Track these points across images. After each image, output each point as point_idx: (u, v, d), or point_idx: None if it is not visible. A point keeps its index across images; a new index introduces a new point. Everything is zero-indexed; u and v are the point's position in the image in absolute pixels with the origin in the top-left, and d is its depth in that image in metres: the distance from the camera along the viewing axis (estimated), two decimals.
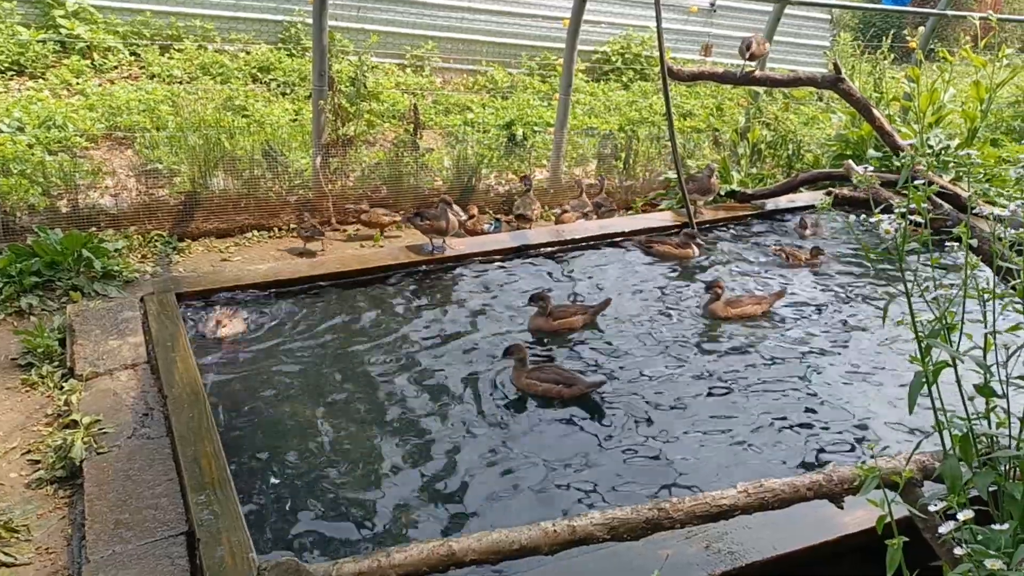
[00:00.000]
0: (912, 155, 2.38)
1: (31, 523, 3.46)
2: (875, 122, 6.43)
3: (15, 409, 4.24)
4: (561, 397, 4.23)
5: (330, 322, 5.06)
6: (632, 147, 8.23)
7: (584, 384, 4.27)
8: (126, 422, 3.93)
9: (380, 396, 4.30)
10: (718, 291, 5.25)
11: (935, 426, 2.23)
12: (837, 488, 2.68)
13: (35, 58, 8.76)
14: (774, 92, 9.15)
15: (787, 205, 7.38)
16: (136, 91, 8.39)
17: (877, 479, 2.00)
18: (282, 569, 2.27)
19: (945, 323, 2.15)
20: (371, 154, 7.62)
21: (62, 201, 6.19)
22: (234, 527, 3.05)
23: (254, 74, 9.60)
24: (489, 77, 10.97)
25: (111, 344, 4.60)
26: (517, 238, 6.34)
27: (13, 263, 5.39)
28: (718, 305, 5.24)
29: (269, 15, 10.45)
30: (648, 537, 2.56)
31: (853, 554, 3.17)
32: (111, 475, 3.56)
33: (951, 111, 8.25)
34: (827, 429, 4.12)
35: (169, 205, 6.51)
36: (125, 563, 3.06)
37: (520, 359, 4.34)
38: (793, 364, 4.76)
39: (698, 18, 12.76)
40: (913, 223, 2.18)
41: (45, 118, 7.32)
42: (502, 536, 2.43)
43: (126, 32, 9.62)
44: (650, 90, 11.09)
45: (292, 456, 3.78)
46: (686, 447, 3.94)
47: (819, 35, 13.86)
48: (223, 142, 6.85)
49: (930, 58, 9.56)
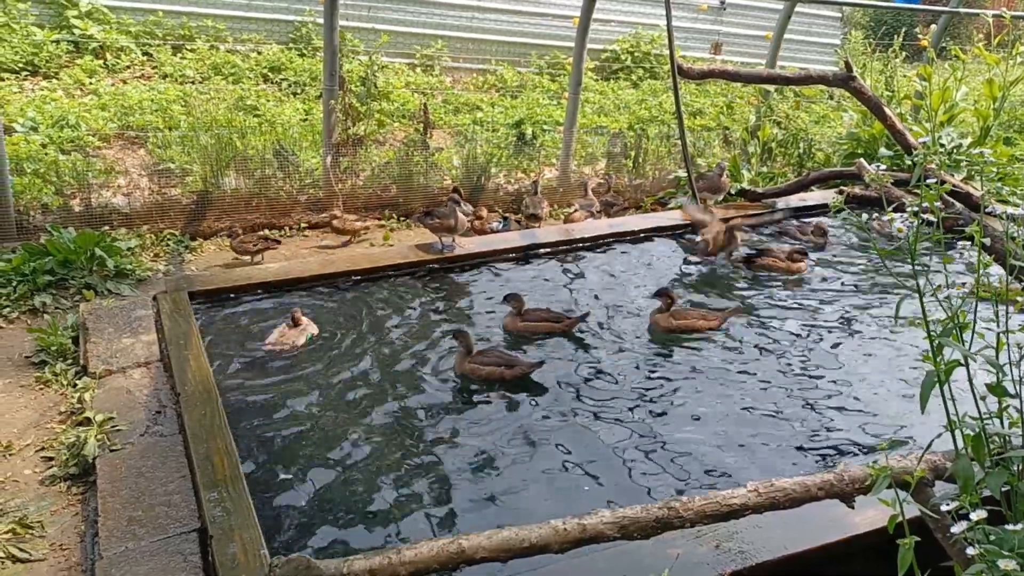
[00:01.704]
0: (925, 153, 2.37)
1: (45, 519, 3.48)
2: (887, 120, 6.42)
3: (29, 407, 4.27)
4: (503, 378, 4.37)
5: (342, 320, 5.08)
6: (642, 146, 8.22)
7: (525, 365, 4.41)
8: (139, 420, 3.95)
9: (393, 394, 4.31)
10: (668, 300, 5.01)
11: (947, 425, 2.22)
12: (848, 488, 2.67)
13: (49, 58, 8.82)
14: (785, 90, 9.12)
15: (798, 204, 7.36)
16: (148, 91, 8.44)
17: (889, 479, 1.99)
18: (293, 566, 2.28)
19: (957, 322, 2.14)
20: (381, 153, 7.64)
21: (75, 200, 6.23)
22: (246, 524, 3.07)
23: (265, 74, 9.65)
24: (499, 76, 10.98)
25: (124, 342, 4.64)
26: (526, 237, 6.35)
27: (27, 262, 5.43)
28: (662, 316, 5.00)
29: (280, 15, 10.49)
30: (658, 536, 2.56)
31: (863, 554, 3.16)
32: (124, 472, 3.58)
33: (963, 109, 8.22)
34: (840, 429, 4.11)
35: (181, 204, 6.54)
36: (138, 559, 3.08)
37: (466, 346, 4.45)
38: (803, 360, 4.76)
39: (708, 16, 12.74)
40: (926, 222, 2.18)
41: (58, 118, 7.38)
42: (512, 534, 2.44)
43: (139, 32, 9.67)
44: (660, 88, 11.08)
45: (304, 454, 3.80)
46: (707, 443, 3.95)
47: (830, 33, 13.81)
48: (235, 142, 6.89)
49: (942, 56, 9.52)
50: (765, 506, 2.61)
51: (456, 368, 4.50)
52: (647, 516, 2.51)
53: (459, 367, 4.48)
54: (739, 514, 2.59)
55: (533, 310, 5.02)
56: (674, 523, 2.53)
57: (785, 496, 2.62)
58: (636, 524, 2.50)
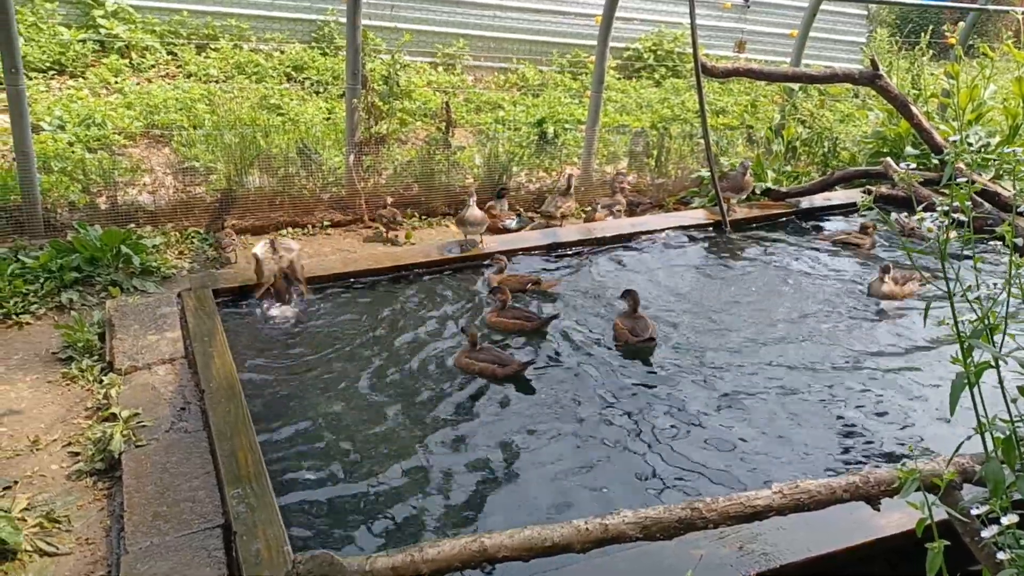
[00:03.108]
0: (955, 152, 2.34)
1: (71, 514, 3.53)
2: (913, 119, 6.35)
3: (56, 402, 4.32)
4: (495, 376, 4.43)
5: (362, 318, 5.10)
6: (664, 144, 8.18)
7: (517, 364, 4.46)
8: (164, 416, 3.99)
9: (419, 392, 4.32)
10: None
11: (976, 428, 2.19)
12: (874, 490, 2.64)
13: (75, 57, 8.92)
14: (809, 89, 9.04)
15: (823, 203, 7.29)
16: (173, 90, 8.52)
17: (918, 481, 1.97)
18: (317, 562, 2.29)
19: (988, 323, 2.11)
20: (403, 152, 7.66)
21: (101, 198, 6.30)
22: (270, 521, 3.08)
23: (288, 73, 9.70)
24: (520, 75, 10.97)
25: (149, 339, 4.68)
26: (548, 236, 6.34)
27: (54, 259, 5.50)
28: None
29: (303, 14, 10.55)
30: (681, 537, 2.55)
31: (886, 556, 3.13)
32: (149, 468, 3.62)
33: (991, 108, 8.10)
34: (866, 430, 4.08)
35: (206, 202, 6.59)
36: (163, 554, 3.11)
37: (471, 341, 4.53)
38: (823, 366, 4.72)
39: (732, 14, 12.65)
40: (956, 222, 2.15)
41: (85, 116, 7.46)
42: (534, 533, 2.44)
43: (163, 31, 9.77)
44: (682, 87, 11.02)
45: (327, 451, 3.82)
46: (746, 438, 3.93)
47: (855, 31, 13.67)
48: (258, 140, 6.94)
49: (970, 54, 9.40)
50: (789, 507, 2.59)
51: (455, 361, 4.58)
52: (670, 517, 2.50)
53: (457, 361, 4.57)
54: (763, 515, 2.58)
55: (512, 307, 5.07)
56: (697, 524, 2.52)
57: (810, 498, 2.60)
58: (659, 525, 2.49)
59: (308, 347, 4.73)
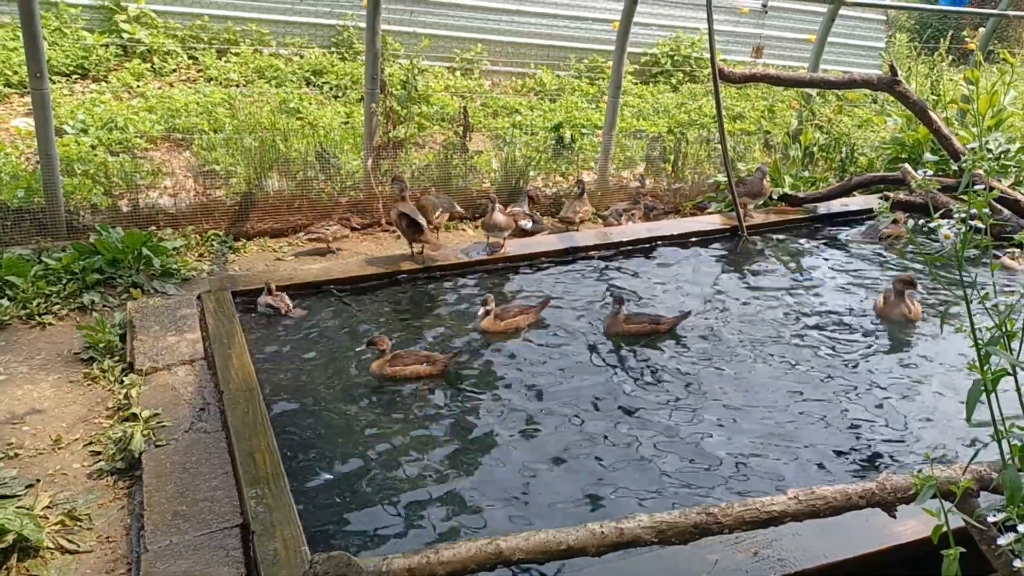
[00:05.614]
0: (973, 159, 2.33)
1: (92, 512, 3.58)
2: (932, 125, 6.31)
3: (77, 402, 4.38)
4: (419, 376, 4.42)
5: (383, 320, 5.13)
6: (681, 149, 8.18)
7: (445, 359, 4.48)
8: (184, 416, 4.04)
9: (437, 393, 4.35)
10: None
11: (993, 436, 2.18)
12: (890, 497, 2.64)
13: (98, 62, 9.04)
14: (827, 94, 9.00)
15: (840, 209, 7.26)
16: (194, 94, 8.61)
17: (934, 488, 1.97)
18: (334, 563, 2.31)
19: (1005, 330, 2.11)
20: (421, 156, 7.70)
21: (123, 200, 6.37)
22: (287, 521, 3.11)
23: (308, 77, 9.78)
24: (537, 80, 11.00)
25: (169, 340, 4.74)
26: (564, 240, 6.35)
27: (76, 260, 5.58)
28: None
29: (322, 20, 10.63)
30: (696, 542, 2.55)
31: (902, 563, 3.12)
32: (169, 467, 3.66)
33: (1012, 114, 8.03)
34: (881, 437, 4.06)
35: (225, 205, 6.66)
36: (182, 553, 3.15)
37: (381, 350, 4.44)
38: (843, 370, 4.70)
39: (749, 19, 12.62)
40: (974, 229, 2.14)
41: (107, 120, 7.56)
42: (550, 536, 2.45)
43: (184, 36, 9.87)
44: (699, 92, 11.01)
45: (344, 452, 3.84)
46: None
47: (874, 36, 13.60)
48: (278, 144, 7.00)
49: (990, 59, 9.34)
50: (805, 514, 2.59)
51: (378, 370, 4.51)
52: (685, 521, 2.51)
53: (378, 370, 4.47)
54: (778, 521, 2.58)
55: (504, 309, 5.07)
56: (712, 529, 2.52)
57: (825, 504, 2.60)
58: (674, 529, 2.50)
59: (325, 348, 4.77)
